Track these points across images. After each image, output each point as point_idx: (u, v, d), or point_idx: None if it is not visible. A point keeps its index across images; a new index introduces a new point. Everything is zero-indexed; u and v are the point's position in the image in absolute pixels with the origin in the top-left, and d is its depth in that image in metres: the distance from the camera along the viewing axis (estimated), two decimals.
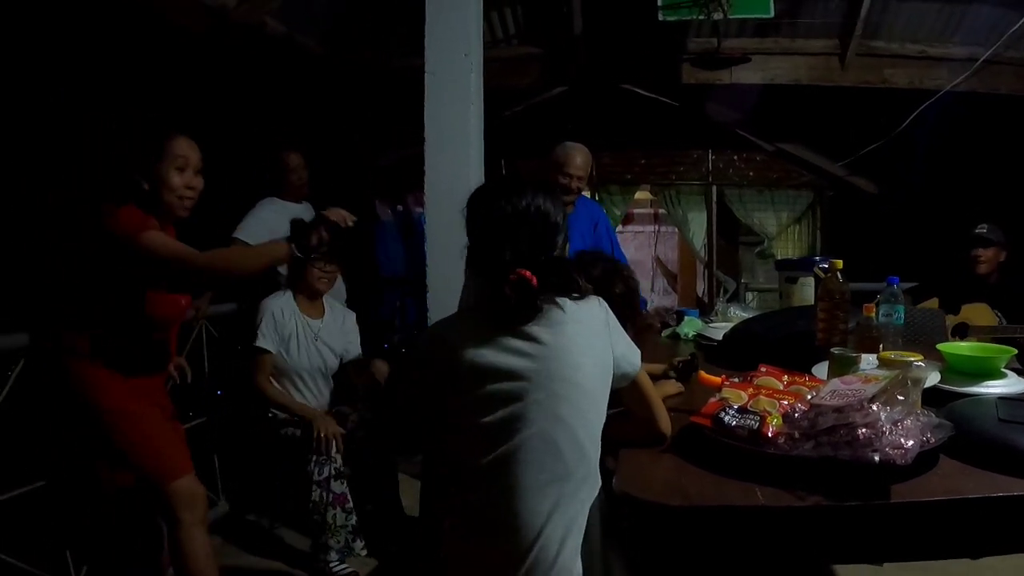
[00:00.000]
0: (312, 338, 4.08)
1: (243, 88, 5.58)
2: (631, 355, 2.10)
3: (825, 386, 1.99)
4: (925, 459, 1.75)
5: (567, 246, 2.16)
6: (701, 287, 10.28)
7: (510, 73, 6.97)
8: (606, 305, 2.10)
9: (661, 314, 4.63)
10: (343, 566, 3.77)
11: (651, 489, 1.79)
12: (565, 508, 1.91)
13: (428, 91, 3.75)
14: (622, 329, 2.12)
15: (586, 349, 1.98)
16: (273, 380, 4.00)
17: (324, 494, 3.75)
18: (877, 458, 1.63)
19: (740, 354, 3.04)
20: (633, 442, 2.11)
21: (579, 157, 4.23)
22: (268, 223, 4.40)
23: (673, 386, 2.65)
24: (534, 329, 1.94)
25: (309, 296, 4.10)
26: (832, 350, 2.44)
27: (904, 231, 7.09)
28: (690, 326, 4.10)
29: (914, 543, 1.72)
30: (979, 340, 3.69)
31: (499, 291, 1.93)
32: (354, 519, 3.80)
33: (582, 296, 2.05)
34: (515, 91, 7.27)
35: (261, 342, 3.92)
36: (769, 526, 1.70)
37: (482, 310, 2.04)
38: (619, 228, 12.10)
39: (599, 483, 2.01)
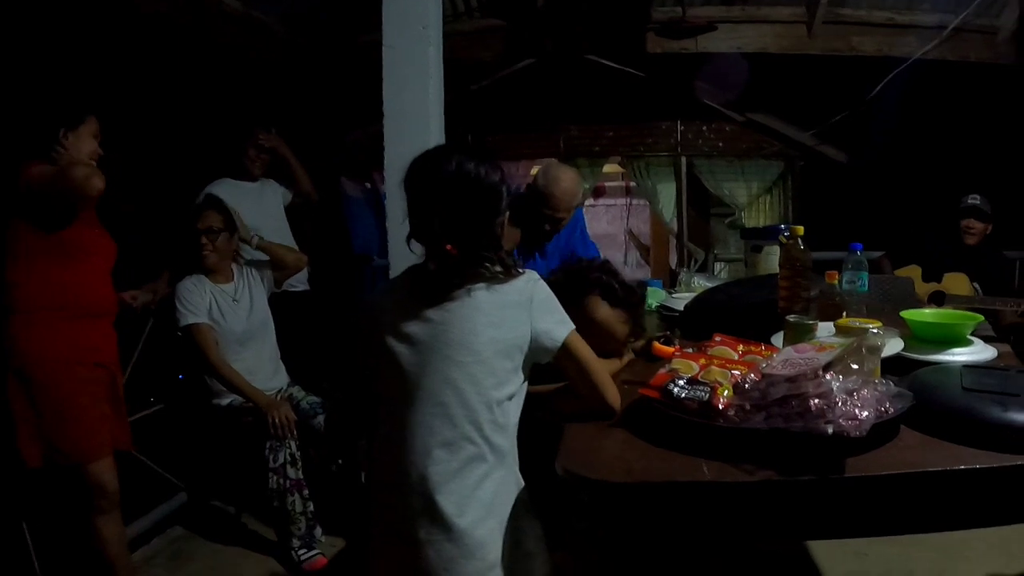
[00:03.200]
0: (231, 300, 4.05)
1: (202, 68, 5.46)
2: (556, 331, 2.04)
3: (778, 355, 1.89)
4: (883, 431, 1.66)
5: (502, 218, 2.12)
6: (674, 259, 10.20)
7: (473, 46, 6.86)
8: (541, 284, 2.07)
9: None
10: (310, 552, 3.79)
11: (594, 465, 1.70)
12: (463, 476, 1.93)
13: (386, 65, 3.65)
14: (554, 308, 2.09)
15: (493, 319, 1.98)
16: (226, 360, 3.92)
17: (281, 480, 3.75)
18: (830, 430, 1.53)
19: (702, 324, 2.90)
20: (584, 416, 2.05)
21: (559, 190, 3.79)
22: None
23: (616, 362, 2.56)
24: (446, 298, 1.98)
25: (211, 270, 4.03)
26: (787, 317, 2.34)
27: (875, 199, 7.05)
28: (653, 297, 4.00)
29: (870, 518, 1.62)
30: (955, 309, 3.66)
31: (424, 262, 2.02)
32: (312, 506, 3.81)
33: (509, 273, 2.03)
34: (480, 65, 7.13)
35: (189, 319, 3.85)
36: (716, 502, 1.60)
37: (409, 279, 2.11)
38: (591, 202, 12.10)
39: (508, 455, 2.03)
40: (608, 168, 9.95)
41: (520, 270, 2.07)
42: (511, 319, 1.99)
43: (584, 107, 8.25)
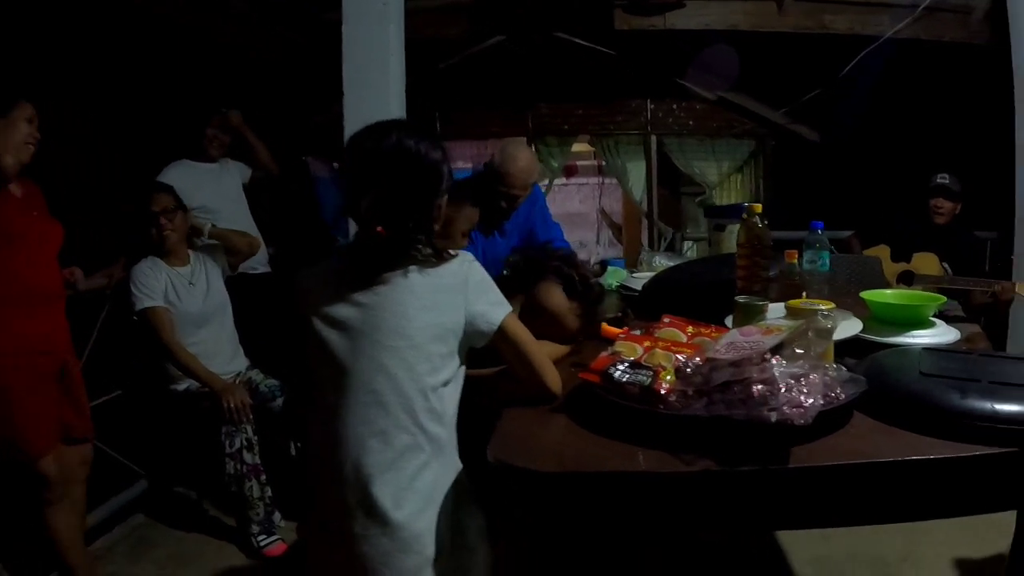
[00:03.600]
0: (186, 283, 4.01)
1: (160, 49, 5.37)
2: (492, 314, 1.95)
3: (722, 338, 1.78)
4: (833, 417, 1.56)
5: (441, 200, 2.01)
6: (645, 238, 10.19)
7: (438, 24, 6.68)
8: (476, 266, 1.98)
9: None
10: (270, 538, 3.77)
11: (525, 453, 1.61)
12: (399, 467, 1.85)
13: (345, 43, 3.63)
14: (490, 289, 1.99)
15: (427, 302, 1.89)
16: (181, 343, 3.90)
17: (238, 466, 3.77)
18: (774, 417, 1.43)
19: (660, 305, 2.80)
20: (524, 401, 1.96)
21: (515, 168, 3.72)
22: (176, 184, 4.25)
23: (558, 347, 2.44)
24: (376, 281, 1.89)
25: (166, 252, 3.98)
26: (736, 298, 2.24)
27: (847, 178, 7.01)
28: (613, 276, 3.94)
29: (816, 509, 1.53)
30: (924, 290, 3.62)
31: (355, 242, 1.95)
32: (270, 491, 3.80)
33: (440, 256, 1.94)
34: (446, 43, 6.99)
35: (145, 303, 3.81)
36: (651, 493, 1.50)
37: (340, 260, 2.03)
38: (563, 181, 12.07)
39: (447, 444, 1.95)
40: (579, 147, 9.85)
41: (453, 252, 1.97)
42: (445, 302, 1.90)
43: (553, 85, 8.16)
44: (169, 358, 3.86)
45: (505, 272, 2.60)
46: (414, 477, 1.85)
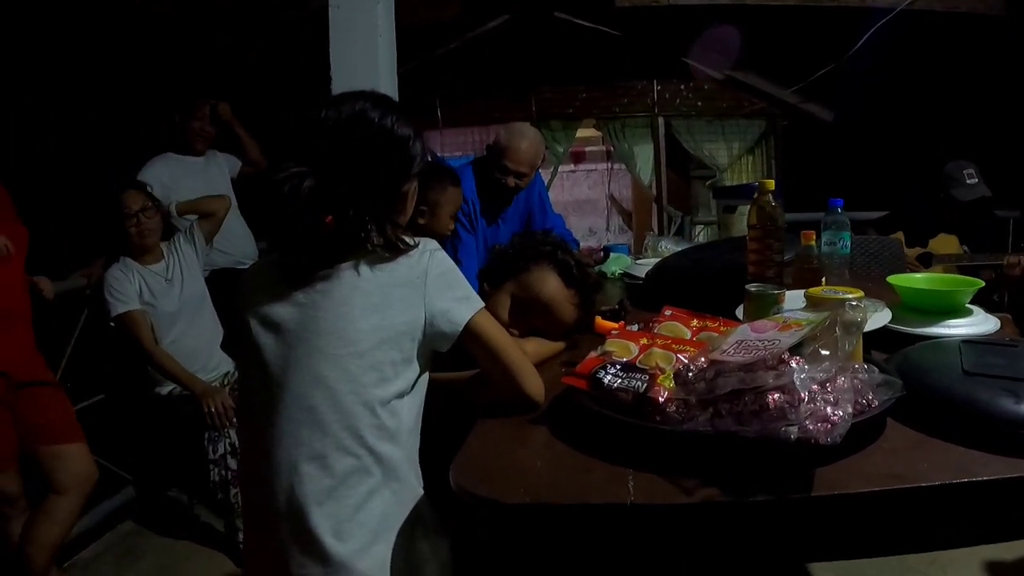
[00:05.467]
0: (162, 281, 3.91)
1: (150, 40, 5.33)
2: (456, 312, 1.68)
3: (730, 336, 1.52)
4: (864, 430, 1.30)
5: (410, 185, 1.76)
6: (656, 223, 10.13)
7: (430, 7, 6.54)
8: (439, 255, 1.71)
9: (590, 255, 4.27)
10: None
11: (491, 478, 1.37)
12: (340, 495, 1.58)
13: (332, 26, 3.52)
14: (455, 283, 1.72)
15: (375, 301, 1.62)
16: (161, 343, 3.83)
17: (223, 472, 3.70)
18: (794, 435, 1.17)
19: (663, 294, 2.56)
20: (502, 409, 1.71)
21: (524, 144, 3.66)
22: (160, 179, 4.28)
23: (549, 344, 2.20)
24: (318, 277, 1.64)
25: (141, 252, 3.88)
26: (748, 286, 1.98)
27: (862, 159, 6.88)
28: (616, 264, 3.75)
29: (843, 542, 1.29)
30: (944, 270, 3.41)
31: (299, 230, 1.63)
32: None
33: (396, 246, 1.67)
34: (442, 27, 6.80)
35: (119, 308, 3.70)
36: (641, 527, 1.26)
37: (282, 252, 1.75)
38: (571, 167, 12.02)
39: (401, 465, 1.66)
40: (587, 132, 9.80)
41: (411, 241, 1.70)
42: (399, 300, 1.63)
43: (556, 68, 8.10)
44: (149, 362, 3.78)
45: (489, 260, 2.36)
46: (359, 507, 1.59)
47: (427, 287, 1.64)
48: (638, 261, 3.71)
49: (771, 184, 2.41)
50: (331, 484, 1.56)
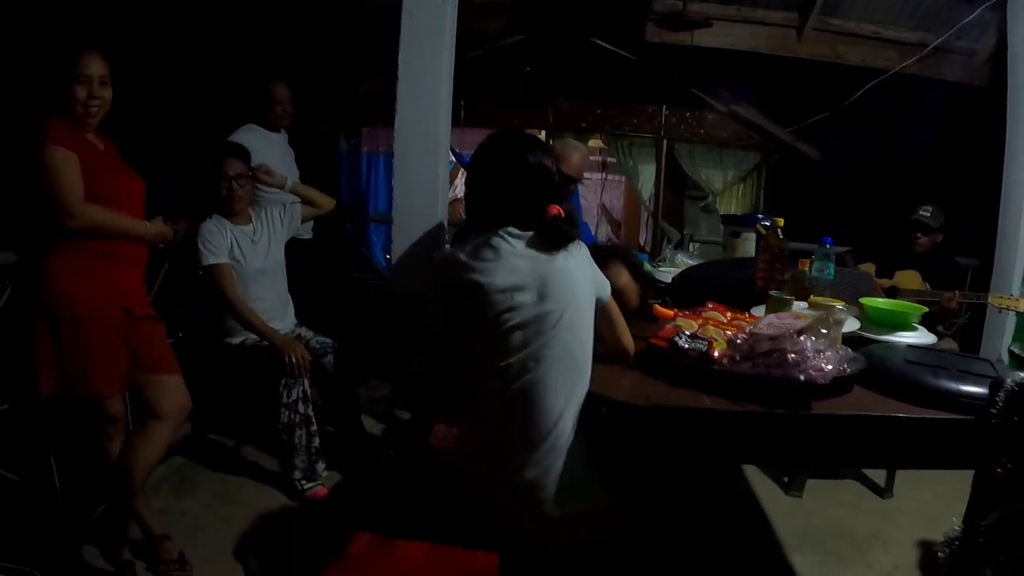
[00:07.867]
0: (249, 241, 4.16)
1: (229, 24, 5.66)
2: (605, 285, 2.44)
3: (763, 319, 2.37)
4: (841, 384, 2.16)
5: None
6: (644, 236, 10.50)
7: (479, 17, 6.80)
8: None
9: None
10: (312, 483, 3.98)
11: (616, 391, 2.18)
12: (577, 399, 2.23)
13: (404, 30, 3.76)
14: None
15: (585, 273, 2.34)
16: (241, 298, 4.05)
17: (292, 415, 3.90)
18: (802, 377, 2.03)
19: (688, 295, 3.40)
20: (601, 359, 2.41)
21: (576, 155, 4.26)
22: (250, 147, 4.36)
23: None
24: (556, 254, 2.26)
25: (231, 213, 4.13)
26: (770, 292, 2.82)
27: (842, 198, 7.33)
28: None
29: (827, 451, 2.16)
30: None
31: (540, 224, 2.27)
32: (317, 441, 3.99)
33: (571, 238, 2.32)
34: (481, 36, 7.19)
35: (211, 259, 3.95)
36: (713, 427, 2.09)
37: (522, 238, 2.28)
38: None
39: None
40: (589, 144, 10.06)
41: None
42: (588, 273, 2.36)
43: (575, 84, 8.47)
44: (232, 312, 3.98)
45: None
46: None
47: (592, 266, 2.40)
48: (659, 268, 4.40)
49: (781, 222, 3.21)
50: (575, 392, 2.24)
